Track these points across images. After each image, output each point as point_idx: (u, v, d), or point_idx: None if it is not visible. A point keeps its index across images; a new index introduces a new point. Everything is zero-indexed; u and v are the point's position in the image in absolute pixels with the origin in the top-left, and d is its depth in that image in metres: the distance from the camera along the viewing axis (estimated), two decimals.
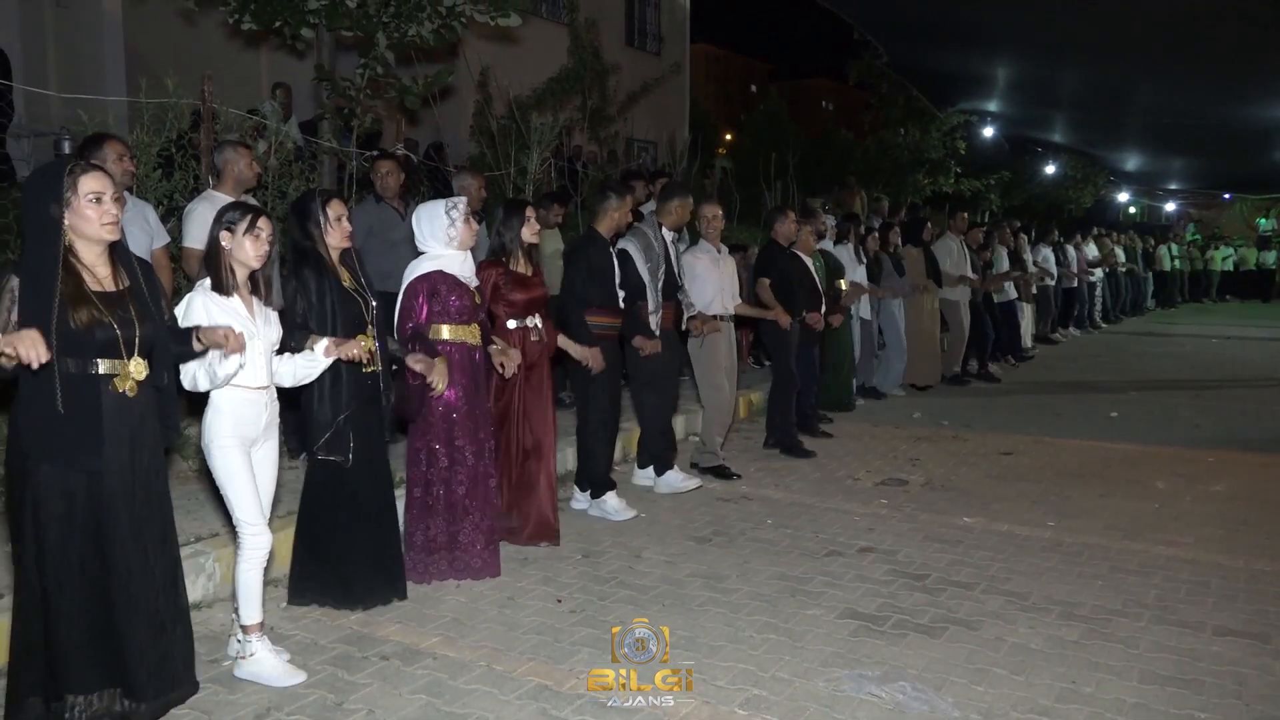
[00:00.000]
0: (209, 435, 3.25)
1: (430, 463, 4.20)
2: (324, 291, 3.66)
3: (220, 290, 3.23)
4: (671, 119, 18.81)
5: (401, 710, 3.07)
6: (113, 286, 2.88)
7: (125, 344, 2.83)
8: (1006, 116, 19.25)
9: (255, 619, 3.31)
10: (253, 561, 3.29)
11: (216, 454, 3.25)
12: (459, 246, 4.25)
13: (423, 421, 4.20)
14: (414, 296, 4.18)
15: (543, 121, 8.67)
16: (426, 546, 4.20)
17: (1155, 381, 10.53)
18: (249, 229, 3.25)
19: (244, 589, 3.31)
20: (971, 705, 3.13)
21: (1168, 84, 13.90)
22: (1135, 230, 21.49)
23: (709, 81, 53.59)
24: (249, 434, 3.29)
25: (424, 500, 4.22)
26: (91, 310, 2.77)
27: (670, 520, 5.19)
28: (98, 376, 2.79)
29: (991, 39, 13.08)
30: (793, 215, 7.05)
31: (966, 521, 5.21)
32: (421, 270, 4.21)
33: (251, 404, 3.28)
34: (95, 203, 2.81)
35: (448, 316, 4.21)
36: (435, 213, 4.25)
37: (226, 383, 3.16)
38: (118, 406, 2.83)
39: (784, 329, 6.68)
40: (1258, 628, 3.80)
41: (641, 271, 5.52)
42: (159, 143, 5.67)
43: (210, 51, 10.61)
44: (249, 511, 3.27)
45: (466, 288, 4.27)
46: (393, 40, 6.57)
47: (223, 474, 3.26)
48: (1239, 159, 19.32)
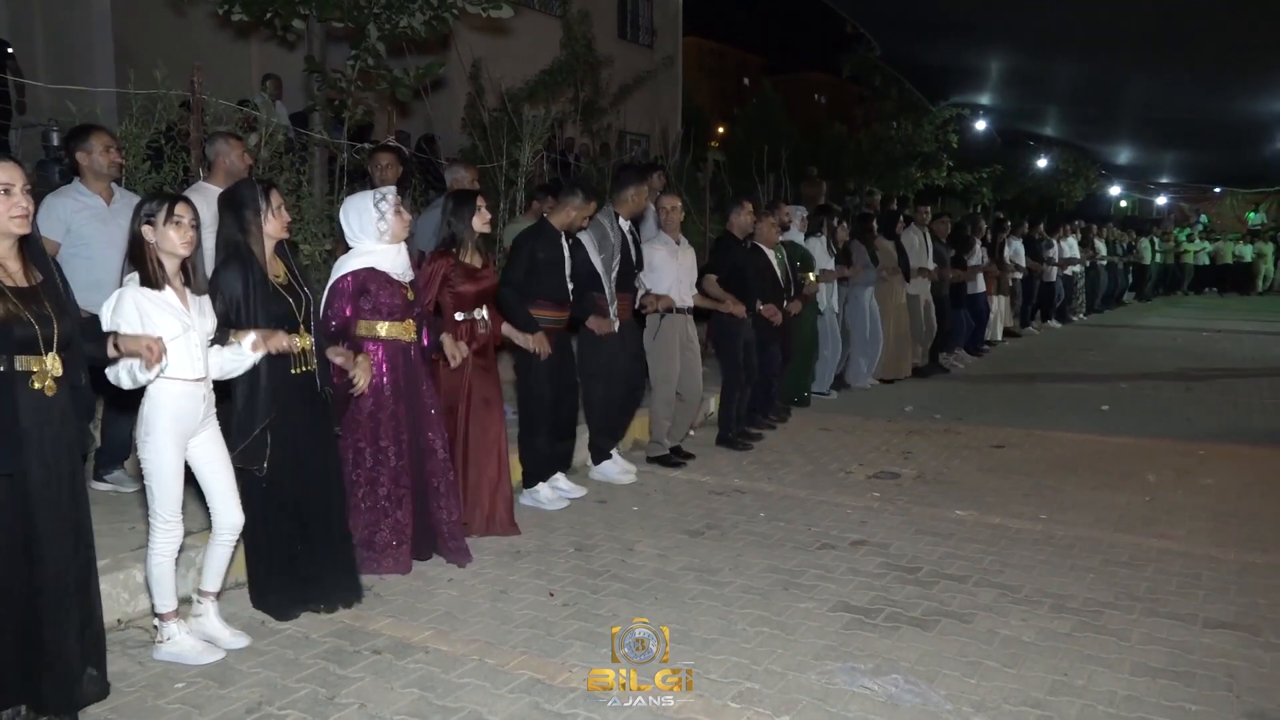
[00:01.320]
0: (144, 427, 3.21)
1: (356, 461, 4.12)
2: (249, 287, 3.52)
3: (150, 285, 3.16)
4: (664, 112, 18.77)
5: (393, 704, 3.06)
6: (25, 282, 2.80)
7: (43, 341, 2.75)
8: (999, 110, 19.24)
9: (170, 607, 3.34)
10: (165, 555, 3.29)
11: (150, 446, 3.21)
12: (391, 240, 4.11)
13: (350, 418, 4.10)
14: (340, 294, 4.06)
15: (535, 114, 8.65)
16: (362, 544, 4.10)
17: (1147, 374, 10.56)
18: (169, 218, 3.16)
19: (157, 580, 3.31)
20: (964, 698, 3.13)
21: (1160, 78, 13.91)
22: (1116, 224, 21.59)
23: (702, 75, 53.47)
24: (186, 428, 3.26)
25: (354, 499, 4.10)
26: (7, 306, 2.69)
27: (663, 513, 5.18)
28: (15, 374, 2.72)
29: (984, 33, 13.06)
30: (749, 206, 6.93)
31: (959, 514, 5.22)
32: (350, 267, 4.08)
33: (189, 396, 3.25)
34: (4, 195, 2.73)
35: (379, 314, 4.10)
36: (364, 206, 4.11)
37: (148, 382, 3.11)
38: (36, 405, 2.76)
39: (735, 323, 6.60)
40: (1248, 620, 3.81)
41: (595, 262, 5.49)
42: (148, 134, 5.63)
43: (200, 43, 10.56)
44: (167, 507, 3.25)
45: (399, 284, 4.15)
46: (384, 31, 6.52)
47: (151, 466, 3.23)
48: (1230, 153, 19.37)
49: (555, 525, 4.90)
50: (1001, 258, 12.52)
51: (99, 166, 4.43)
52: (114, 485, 4.65)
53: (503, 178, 8.16)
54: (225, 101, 6.27)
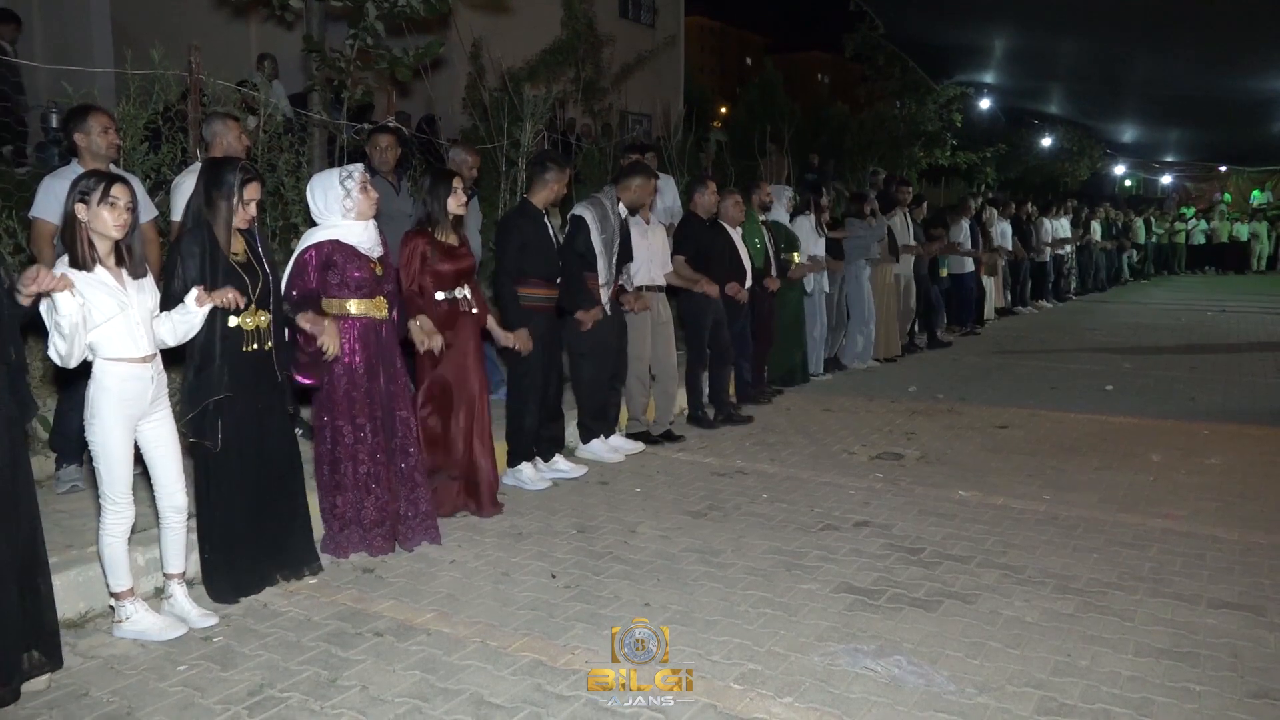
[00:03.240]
0: (90, 410, 3.21)
1: (335, 439, 4.12)
2: (205, 264, 3.50)
3: (78, 265, 3.11)
4: (666, 91, 18.66)
5: (395, 686, 3.05)
6: None
7: None
8: (1003, 89, 19.13)
9: (125, 585, 3.37)
10: (115, 535, 3.31)
11: (96, 429, 3.21)
12: (357, 217, 4.10)
13: (325, 397, 4.12)
14: (302, 264, 4.04)
15: (536, 94, 8.57)
16: (339, 519, 4.15)
17: (1151, 354, 10.53)
18: (103, 198, 3.12)
19: (109, 561, 3.33)
20: (967, 679, 3.13)
21: (1166, 55, 13.79)
22: (1111, 204, 21.52)
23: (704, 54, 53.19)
24: (133, 411, 3.26)
25: (331, 477, 4.15)
26: None
27: (665, 495, 5.17)
28: None
29: (988, 10, 12.95)
30: (713, 186, 6.92)
31: (962, 495, 5.20)
32: (314, 239, 4.08)
33: (136, 378, 3.25)
34: None
35: (348, 289, 4.09)
36: (329, 184, 4.11)
37: (79, 340, 3.05)
38: None
39: (703, 302, 6.62)
40: (1252, 600, 3.80)
41: (595, 241, 5.50)
42: (145, 115, 5.59)
43: (198, 22, 10.49)
44: (115, 488, 3.26)
45: (366, 259, 4.13)
46: (383, 10, 6.45)
47: (99, 448, 3.23)
48: (1235, 131, 19.23)
49: (557, 507, 4.89)
50: (989, 238, 12.59)
51: (97, 148, 4.40)
52: (74, 483, 4.53)
53: (504, 158, 8.11)
54: (223, 82, 6.22)
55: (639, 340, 6.15)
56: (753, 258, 7.24)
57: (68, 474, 4.56)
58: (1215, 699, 3.03)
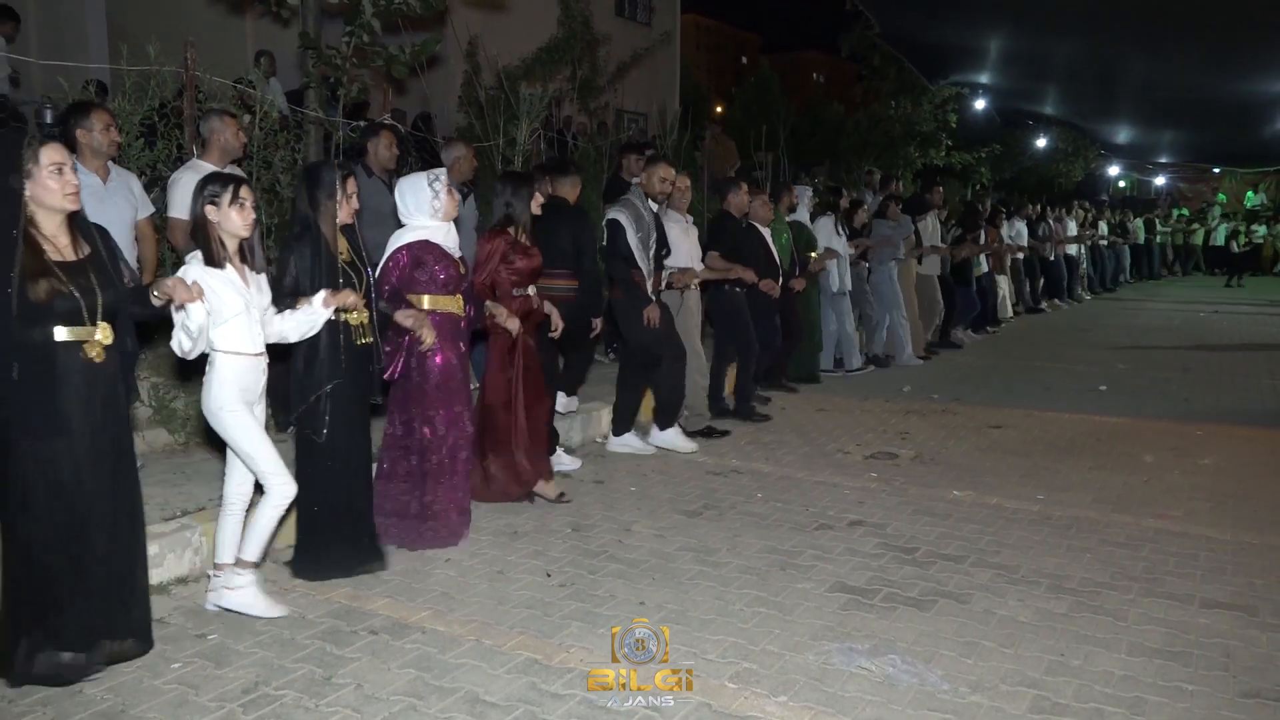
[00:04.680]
0: (215, 401, 3.37)
1: (407, 432, 4.26)
2: (317, 263, 3.71)
3: (213, 263, 3.30)
4: (662, 90, 18.67)
5: (390, 684, 3.05)
6: (73, 255, 2.94)
7: (89, 311, 2.91)
8: (998, 89, 19.11)
9: (255, 557, 3.53)
10: (277, 509, 3.49)
11: (227, 418, 3.38)
12: (443, 218, 4.28)
13: (402, 391, 4.26)
14: (395, 262, 4.21)
15: (532, 92, 8.56)
16: (401, 514, 4.27)
17: (1144, 354, 10.56)
18: (233, 199, 3.32)
19: (258, 531, 3.50)
20: (961, 678, 3.14)
21: (1160, 57, 13.81)
22: (1111, 204, 21.60)
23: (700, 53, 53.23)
24: (249, 399, 3.43)
25: (400, 469, 4.28)
26: (52, 281, 2.84)
27: (660, 494, 5.18)
28: (60, 345, 2.87)
29: (983, 11, 12.96)
30: (745, 187, 7.15)
31: (956, 495, 5.22)
32: (406, 239, 4.25)
33: (251, 370, 3.42)
34: (57, 173, 2.88)
35: (435, 286, 4.24)
36: (418, 185, 4.26)
37: (204, 337, 3.23)
38: (87, 373, 2.92)
39: (734, 298, 6.80)
40: (1245, 600, 3.82)
41: (632, 241, 5.64)
42: (141, 111, 5.58)
43: (194, 19, 10.47)
44: (271, 463, 3.45)
45: (452, 258, 4.31)
46: (379, 8, 6.44)
47: (238, 434, 3.40)
48: (1229, 133, 19.27)
49: (552, 506, 4.89)
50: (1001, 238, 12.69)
51: (98, 144, 4.40)
52: None
53: (500, 156, 8.11)
54: (219, 79, 6.21)
55: (694, 332, 6.35)
56: (779, 257, 7.42)
57: None
58: (1208, 698, 3.04)
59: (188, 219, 4.72)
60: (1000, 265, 12.57)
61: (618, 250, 5.69)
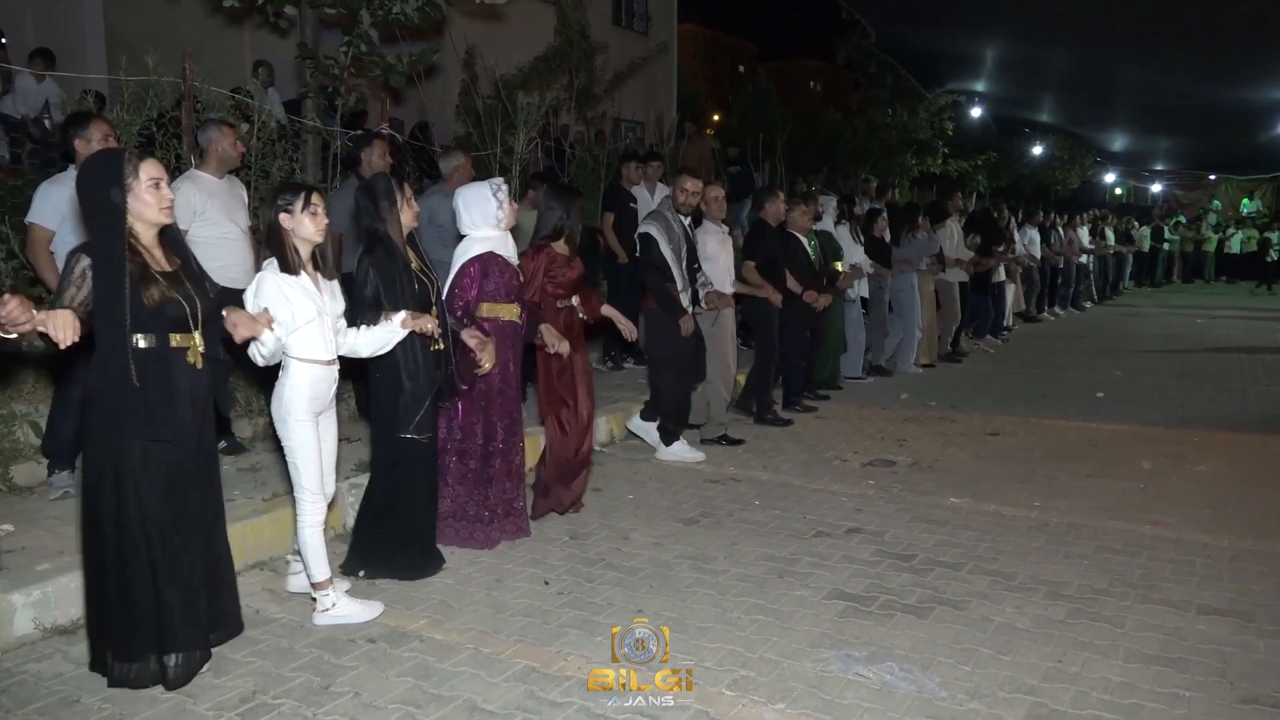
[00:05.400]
0: (285, 409, 3.44)
1: (467, 436, 4.38)
2: (395, 273, 3.82)
3: (288, 270, 3.41)
4: (659, 99, 18.70)
5: (388, 693, 3.06)
6: (168, 266, 3.06)
7: (191, 318, 3.04)
8: (994, 97, 19.21)
9: (323, 576, 3.55)
10: (314, 525, 3.52)
11: (293, 427, 3.45)
12: (504, 227, 4.40)
13: (478, 395, 4.37)
14: (467, 276, 4.31)
15: (529, 101, 8.60)
16: (459, 515, 4.38)
17: (1141, 361, 10.58)
18: (305, 206, 3.43)
19: (311, 551, 3.53)
20: (958, 685, 3.14)
21: (1155, 64, 13.88)
22: (1113, 211, 21.70)
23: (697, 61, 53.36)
24: (319, 407, 3.51)
25: (459, 472, 4.39)
26: (161, 288, 2.96)
27: (658, 501, 5.18)
28: (171, 350, 2.99)
29: (979, 19, 13.02)
30: (782, 195, 7.24)
31: (953, 502, 5.22)
32: (475, 252, 4.34)
33: (324, 379, 3.51)
34: (155, 188, 3.00)
35: (499, 295, 4.37)
36: (484, 195, 4.37)
37: (277, 351, 3.36)
38: (189, 377, 3.05)
39: (770, 307, 6.87)
40: (1242, 606, 3.83)
41: (665, 252, 5.73)
42: (139, 121, 5.59)
43: (192, 29, 10.49)
44: (312, 480, 3.50)
45: (512, 267, 4.45)
46: (376, 18, 6.48)
47: (296, 445, 3.47)
48: (1225, 140, 19.35)
49: (549, 515, 4.89)
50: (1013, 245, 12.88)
51: None
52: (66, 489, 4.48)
53: (497, 165, 8.13)
54: (218, 89, 6.23)
55: (725, 344, 6.39)
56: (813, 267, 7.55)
57: (60, 480, 4.54)
58: (1204, 704, 3.05)
59: (185, 229, 4.74)
60: (1012, 273, 12.64)
61: (652, 261, 5.76)
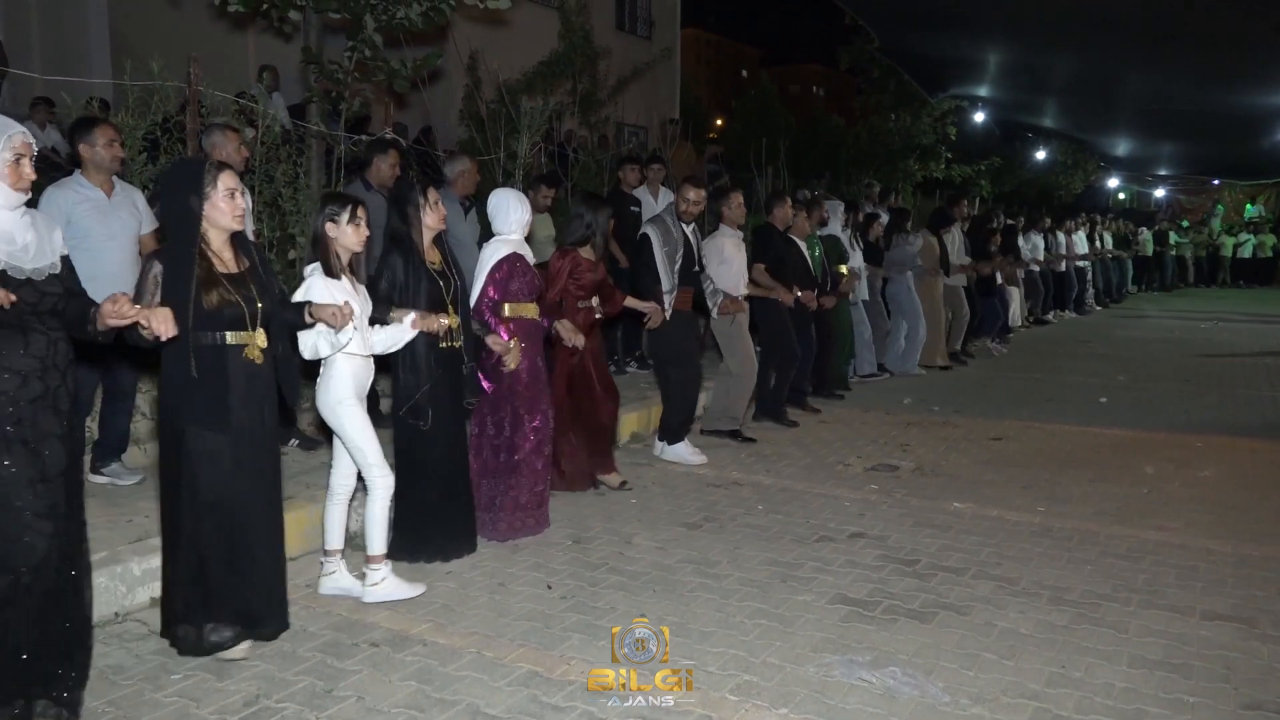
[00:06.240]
0: (334, 396, 3.72)
1: (496, 430, 4.61)
2: (409, 272, 4.08)
3: (331, 274, 3.66)
4: (662, 104, 18.73)
5: (391, 697, 3.06)
6: (236, 268, 3.28)
7: (250, 318, 3.24)
8: (997, 102, 19.18)
9: (382, 549, 3.83)
10: (383, 500, 3.79)
11: (344, 411, 3.72)
12: (525, 230, 4.71)
13: (492, 394, 4.61)
14: (496, 274, 4.56)
15: (532, 106, 8.60)
16: (489, 506, 4.57)
17: (1145, 366, 10.57)
18: (350, 218, 3.69)
19: (375, 524, 3.80)
20: (962, 690, 3.14)
21: (1159, 71, 13.87)
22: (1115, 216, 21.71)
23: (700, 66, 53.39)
24: (362, 393, 3.79)
25: (489, 464, 4.61)
26: (221, 291, 3.19)
27: (661, 506, 5.18)
28: (227, 348, 3.21)
29: (982, 25, 13.01)
30: (789, 201, 7.40)
31: (957, 507, 5.22)
32: (503, 253, 4.60)
33: (364, 367, 3.81)
34: (230, 197, 3.23)
35: (523, 295, 4.62)
36: (520, 200, 4.67)
37: (338, 345, 3.60)
38: (249, 373, 3.26)
39: (780, 309, 7.04)
40: (1245, 612, 3.82)
41: (657, 255, 5.87)
42: (144, 125, 5.60)
43: (196, 34, 10.52)
44: (377, 455, 3.76)
45: (532, 268, 4.71)
46: (380, 22, 6.48)
47: (350, 428, 3.73)
48: (1228, 146, 19.33)
49: (553, 518, 4.89)
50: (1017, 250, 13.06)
51: (101, 159, 4.42)
52: (110, 479, 4.65)
53: (500, 170, 8.14)
54: (222, 93, 6.24)
55: (744, 343, 6.57)
56: (813, 271, 7.65)
57: (112, 470, 4.70)
58: (1209, 710, 3.04)
59: None
60: (1012, 278, 12.75)
61: (644, 262, 5.91)
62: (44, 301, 2.76)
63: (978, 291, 10.95)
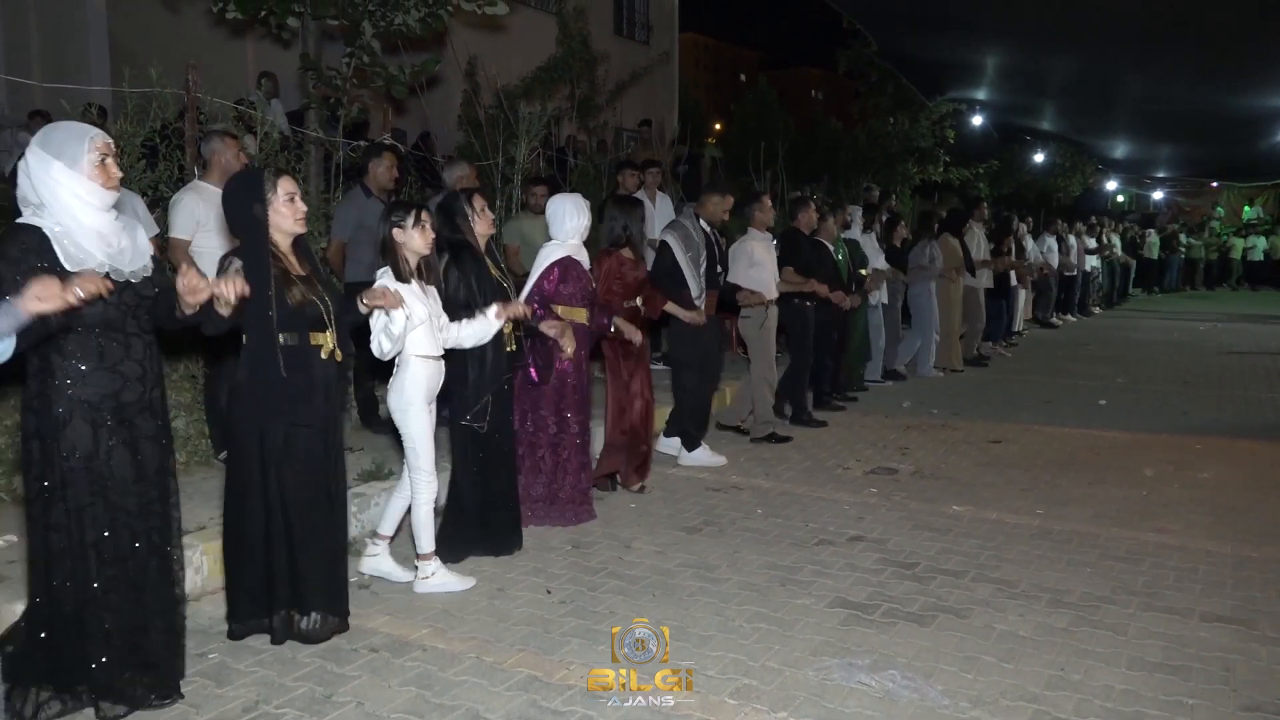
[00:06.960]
0: (406, 398, 3.85)
1: (541, 428, 4.77)
2: (479, 280, 4.24)
3: (400, 278, 3.78)
4: (660, 108, 18.73)
5: (391, 702, 3.06)
6: (302, 271, 3.39)
7: (326, 317, 3.38)
8: (995, 105, 19.21)
9: (429, 548, 3.97)
10: (427, 502, 3.94)
11: (412, 414, 3.87)
12: (582, 237, 4.82)
13: (538, 392, 4.74)
14: (548, 275, 4.71)
15: (531, 111, 8.62)
16: (534, 499, 4.76)
17: (1144, 368, 10.57)
18: (416, 222, 3.82)
19: (422, 525, 3.95)
20: (961, 693, 3.14)
21: (1157, 73, 13.89)
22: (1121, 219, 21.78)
23: (698, 70, 53.43)
24: (432, 398, 3.92)
25: (534, 461, 4.77)
26: (301, 291, 3.31)
27: (660, 510, 5.18)
28: (311, 346, 3.34)
29: (980, 28, 13.04)
30: (814, 206, 7.59)
31: (956, 510, 5.22)
32: (558, 255, 4.76)
33: (436, 371, 3.92)
34: (290, 201, 3.33)
35: (575, 299, 4.76)
36: (582, 207, 4.81)
37: (403, 340, 3.73)
38: (326, 370, 3.40)
39: (805, 311, 7.17)
40: (1245, 614, 3.82)
41: (681, 259, 5.90)
42: (143, 133, 5.61)
43: (195, 41, 10.52)
44: (428, 462, 3.91)
45: (587, 273, 4.85)
46: (379, 29, 6.50)
47: (414, 431, 3.88)
48: (1226, 147, 19.35)
49: (550, 526, 4.90)
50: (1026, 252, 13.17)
51: None
52: None
53: (499, 175, 8.15)
54: (221, 100, 6.25)
55: (770, 346, 6.70)
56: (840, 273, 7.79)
57: None
58: (1208, 712, 3.05)
59: (188, 239, 4.76)
60: (1023, 280, 12.81)
61: (664, 267, 5.92)
62: (143, 304, 2.88)
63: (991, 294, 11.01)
